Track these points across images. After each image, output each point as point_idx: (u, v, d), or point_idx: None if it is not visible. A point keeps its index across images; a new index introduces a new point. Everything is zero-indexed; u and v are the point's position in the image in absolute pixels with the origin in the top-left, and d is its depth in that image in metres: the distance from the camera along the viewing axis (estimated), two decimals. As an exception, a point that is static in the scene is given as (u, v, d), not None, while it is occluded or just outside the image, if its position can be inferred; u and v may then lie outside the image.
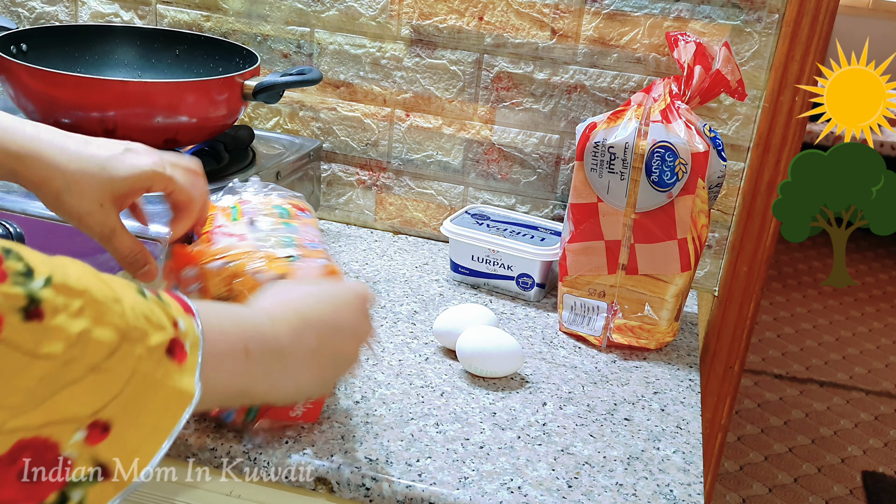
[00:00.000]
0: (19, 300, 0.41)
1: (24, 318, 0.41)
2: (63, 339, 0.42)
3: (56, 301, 0.42)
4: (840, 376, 3.00)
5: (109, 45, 1.19)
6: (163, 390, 0.46)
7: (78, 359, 0.43)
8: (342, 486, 0.73)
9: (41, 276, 0.42)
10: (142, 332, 0.46)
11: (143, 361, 0.45)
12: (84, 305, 0.43)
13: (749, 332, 1.19)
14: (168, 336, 0.47)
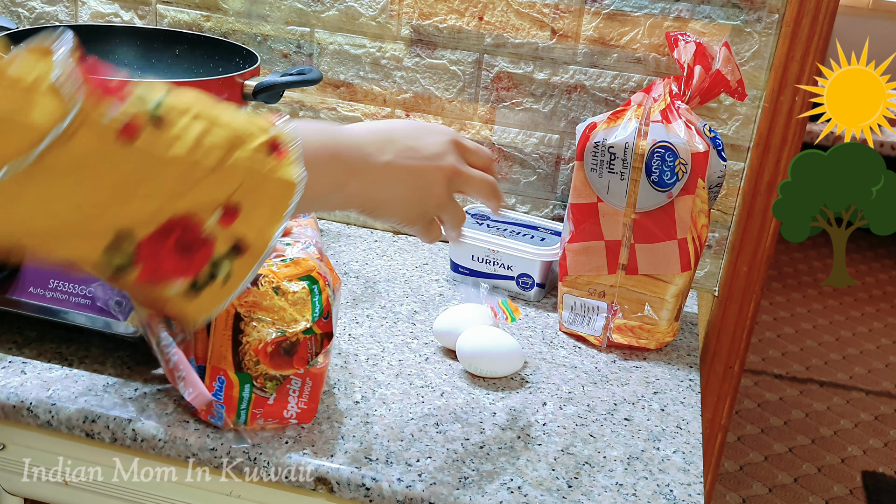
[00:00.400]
0: (146, 112, 0.49)
1: (153, 127, 0.49)
2: (186, 144, 0.51)
3: (176, 108, 0.51)
4: (840, 376, 3.00)
5: (109, 45, 1.19)
6: (272, 181, 0.54)
7: (199, 162, 0.51)
8: (342, 486, 0.73)
9: (160, 93, 0.51)
10: (247, 135, 0.54)
11: (253, 160, 0.54)
12: (198, 113, 0.52)
13: (749, 332, 1.19)
14: (267, 137, 0.55)
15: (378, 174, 0.64)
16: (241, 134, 0.54)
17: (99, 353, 0.87)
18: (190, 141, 0.51)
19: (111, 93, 0.49)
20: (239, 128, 0.54)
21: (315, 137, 0.60)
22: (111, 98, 0.49)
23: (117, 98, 0.49)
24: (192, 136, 0.51)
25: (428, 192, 0.67)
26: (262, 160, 0.54)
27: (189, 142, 0.51)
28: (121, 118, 0.48)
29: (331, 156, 0.60)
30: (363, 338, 0.95)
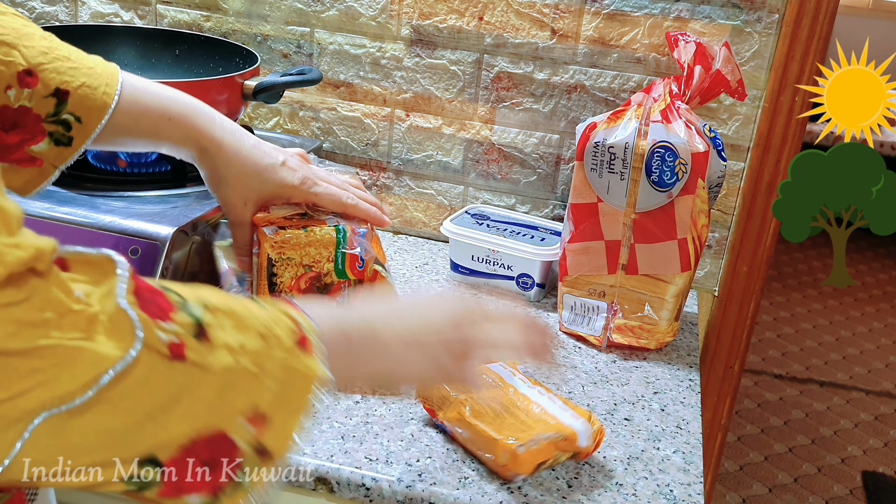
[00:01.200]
0: (190, 326, 0.47)
1: (198, 341, 0.47)
2: (228, 351, 0.49)
3: (214, 321, 0.49)
4: (840, 376, 3.00)
5: (109, 45, 1.18)
6: (305, 378, 0.53)
7: (243, 367, 0.49)
8: (342, 486, 0.73)
9: (197, 302, 0.49)
10: (277, 336, 0.52)
11: (288, 359, 0.52)
12: (230, 320, 0.50)
13: (749, 332, 1.19)
14: (297, 333, 0.54)
15: (389, 355, 0.62)
16: (274, 333, 0.52)
17: (99, 353, 0.87)
18: (233, 348, 0.49)
19: (161, 314, 0.46)
20: (270, 327, 0.52)
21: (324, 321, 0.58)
22: (158, 320, 0.46)
23: (165, 317, 0.46)
24: (234, 344, 0.49)
25: (442, 364, 0.65)
26: (295, 359, 0.53)
27: (232, 350, 0.49)
28: (171, 338, 0.46)
29: (345, 341, 0.59)
30: (363, 338, 0.95)
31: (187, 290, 0.50)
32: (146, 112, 0.75)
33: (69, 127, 0.71)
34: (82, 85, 0.71)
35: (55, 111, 0.70)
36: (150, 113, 0.75)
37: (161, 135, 0.76)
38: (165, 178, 1.03)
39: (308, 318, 0.55)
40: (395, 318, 0.64)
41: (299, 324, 0.54)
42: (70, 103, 0.71)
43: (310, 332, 0.54)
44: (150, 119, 0.75)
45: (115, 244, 0.86)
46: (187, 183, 1.01)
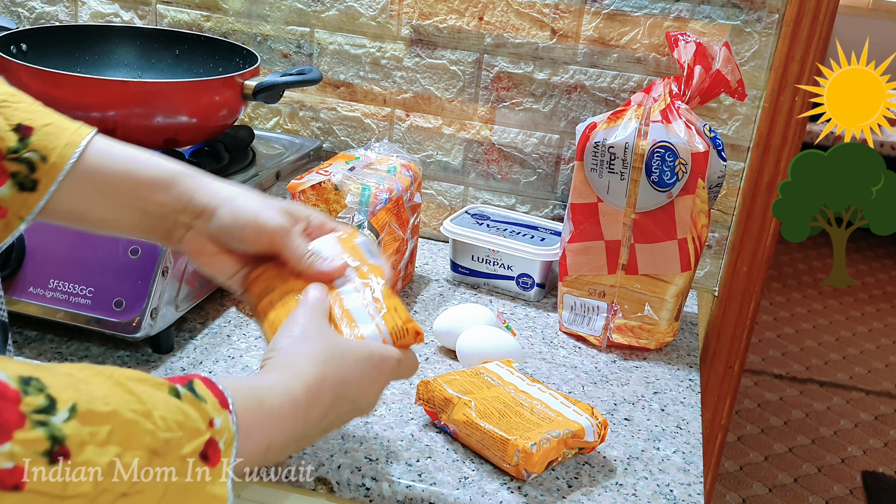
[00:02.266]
0: (41, 444, 0.39)
1: (49, 462, 0.39)
2: (92, 474, 0.41)
3: (82, 433, 0.41)
4: (840, 376, 3.00)
5: (109, 45, 1.19)
6: (196, 497, 0.46)
7: (108, 489, 0.42)
8: (342, 486, 0.73)
9: (65, 406, 0.41)
10: (175, 444, 0.45)
11: (176, 474, 0.45)
12: (112, 430, 0.42)
13: (749, 332, 1.19)
14: (203, 440, 0.46)
15: (304, 439, 0.58)
16: (170, 438, 0.44)
17: (99, 352, 0.87)
18: (102, 467, 0.41)
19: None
20: (169, 429, 0.44)
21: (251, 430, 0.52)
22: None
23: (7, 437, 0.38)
24: (103, 463, 0.41)
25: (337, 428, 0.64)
26: (192, 468, 0.45)
27: (98, 469, 0.41)
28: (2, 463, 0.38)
29: (264, 448, 0.53)
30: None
31: (71, 384, 0.42)
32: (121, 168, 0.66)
33: (33, 167, 0.63)
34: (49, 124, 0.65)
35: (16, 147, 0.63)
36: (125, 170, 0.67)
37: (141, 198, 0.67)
38: (165, 178, 1.02)
39: (229, 421, 0.48)
40: (329, 408, 0.59)
41: (214, 426, 0.47)
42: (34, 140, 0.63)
43: (224, 438, 0.48)
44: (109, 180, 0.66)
45: (115, 245, 0.86)
46: (187, 183, 1.01)
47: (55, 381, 0.41)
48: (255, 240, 0.68)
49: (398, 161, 1.03)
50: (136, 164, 0.67)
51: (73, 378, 0.43)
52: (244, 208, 0.68)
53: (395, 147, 1.05)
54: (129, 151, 0.68)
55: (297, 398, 0.56)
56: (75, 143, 0.65)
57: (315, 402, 0.58)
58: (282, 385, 0.56)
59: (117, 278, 0.85)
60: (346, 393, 0.60)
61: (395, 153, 1.04)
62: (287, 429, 0.55)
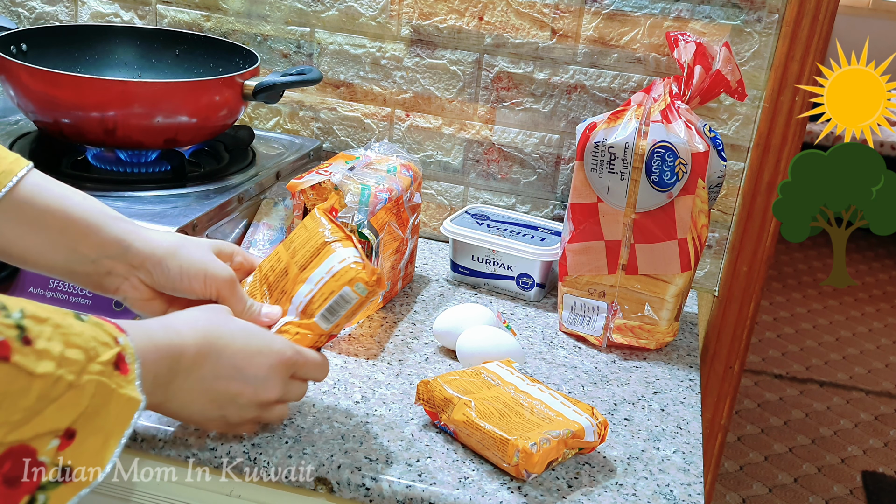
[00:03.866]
0: (12, 329, 0.46)
1: (21, 343, 0.46)
2: (51, 358, 0.47)
3: (35, 328, 0.47)
4: (840, 376, 3.00)
5: (109, 45, 1.19)
6: (116, 398, 0.52)
7: (62, 377, 0.48)
8: (342, 486, 0.73)
9: (16, 309, 0.47)
10: (96, 351, 0.51)
11: (102, 375, 0.51)
12: (53, 331, 0.48)
13: (749, 332, 1.19)
14: (114, 352, 0.52)
15: (189, 393, 0.63)
16: (94, 346, 0.51)
17: (99, 353, 0.87)
18: (55, 357, 0.48)
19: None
20: (90, 340, 0.51)
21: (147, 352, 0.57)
22: None
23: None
24: (56, 353, 0.48)
25: (232, 412, 0.68)
26: (110, 375, 0.51)
27: (53, 358, 0.47)
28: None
29: (153, 374, 0.58)
30: (363, 338, 0.95)
31: (9, 300, 0.48)
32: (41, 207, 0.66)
33: None
34: None
35: None
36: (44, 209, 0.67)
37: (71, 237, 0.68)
38: (165, 178, 1.03)
39: (128, 340, 0.54)
40: (212, 360, 0.64)
41: (119, 342, 0.53)
42: None
43: (128, 353, 0.53)
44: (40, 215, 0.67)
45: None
46: (187, 183, 1.01)
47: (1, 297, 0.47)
48: (203, 291, 0.72)
49: (398, 161, 1.03)
50: (68, 202, 0.68)
51: (10, 298, 0.49)
52: (191, 261, 0.71)
53: (394, 147, 1.05)
54: (63, 189, 0.69)
55: (180, 337, 0.62)
56: (11, 172, 0.65)
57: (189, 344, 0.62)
58: (166, 325, 0.62)
59: (117, 278, 0.85)
60: (224, 347, 0.65)
61: (395, 153, 1.04)
62: (167, 363, 0.60)
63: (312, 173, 0.96)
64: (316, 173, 0.96)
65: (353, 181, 0.94)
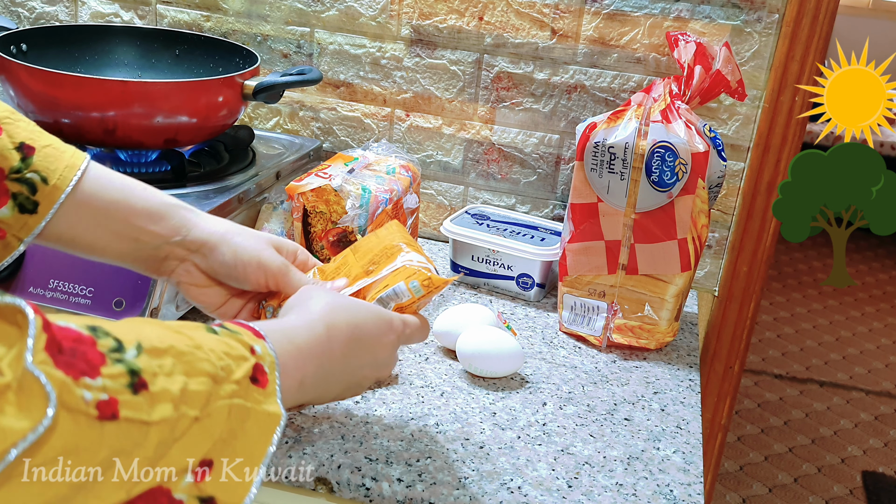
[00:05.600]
0: (123, 377, 0.42)
1: (133, 392, 0.43)
2: (169, 399, 0.44)
3: (152, 366, 0.44)
4: (840, 376, 3.00)
5: (109, 45, 1.19)
6: (254, 416, 0.49)
7: (185, 414, 0.45)
8: (342, 486, 0.73)
9: (131, 346, 0.44)
10: (228, 369, 0.48)
11: (236, 396, 0.48)
12: (175, 362, 0.46)
13: (749, 332, 1.19)
14: (250, 364, 0.50)
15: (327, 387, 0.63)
16: (225, 367, 0.49)
17: (99, 353, 0.87)
18: (175, 396, 0.45)
19: (88, 369, 0.41)
20: (222, 357, 0.49)
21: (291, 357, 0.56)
22: (83, 377, 0.41)
23: (92, 373, 0.41)
24: (176, 391, 0.45)
25: (351, 392, 0.68)
26: (245, 393, 0.49)
27: (173, 398, 0.45)
28: (98, 395, 0.41)
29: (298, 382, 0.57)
30: (363, 338, 0.95)
31: (126, 328, 0.45)
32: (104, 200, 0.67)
33: (34, 189, 0.64)
34: (49, 145, 0.65)
35: (19, 167, 0.63)
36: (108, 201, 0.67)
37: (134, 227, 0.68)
38: (165, 178, 1.03)
39: (266, 346, 0.52)
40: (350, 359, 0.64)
41: (256, 353, 0.51)
42: (35, 161, 0.64)
43: (267, 362, 0.52)
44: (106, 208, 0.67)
45: (115, 244, 0.86)
46: (187, 183, 1.01)
47: (115, 328, 0.45)
48: (256, 279, 0.71)
49: (397, 162, 1.03)
50: (131, 192, 0.69)
51: (128, 325, 0.46)
52: (245, 248, 0.70)
53: (393, 147, 1.05)
54: (123, 180, 0.69)
55: (320, 333, 0.61)
56: (75, 166, 0.66)
57: (335, 338, 0.62)
58: (304, 322, 0.61)
59: (117, 278, 0.85)
60: (360, 336, 0.64)
61: (394, 153, 1.04)
62: (315, 363, 0.59)
63: (312, 175, 0.96)
64: (315, 175, 0.96)
65: (353, 184, 0.94)
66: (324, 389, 0.62)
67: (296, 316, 0.62)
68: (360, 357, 0.65)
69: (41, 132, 0.66)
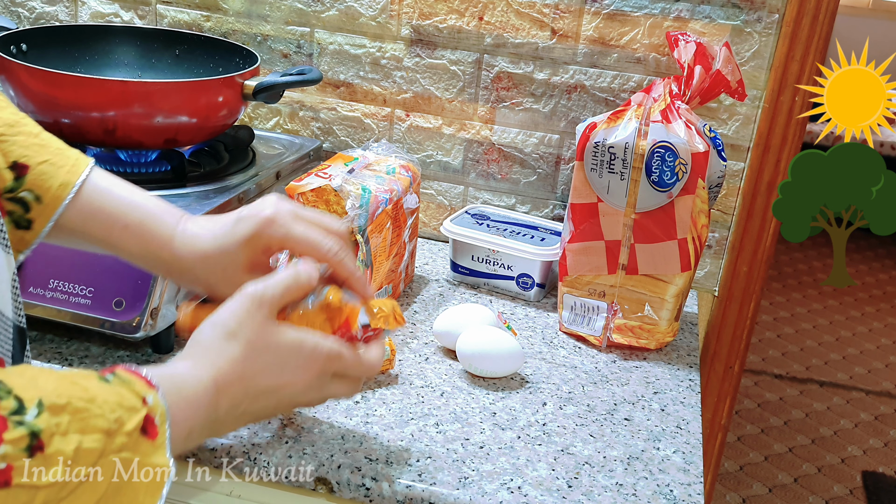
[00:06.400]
0: (23, 441, 0.43)
1: (29, 456, 0.43)
2: (62, 462, 0.44)
3: (50, 425, 0.44)
4: (840, 376, 3.00)
5: (109, 45, 1.19)
6: (144, 470, 0.49)
7: (77, 473, 0.45)
8: (342, 486, 0.73)
9: (32, 404, 0.44)
10: (119, 421, 0.48)
11: (125, 450, 0.48)
12: (71, 419, 0.45)
13: (749, 332, 1.19)
14: (141, 416, 0.50)
15: (233, 422, 0.61)
16: (118, 415, 0.48)
17: (99, 352, 0.87)
18: (68, 455, 0.45)
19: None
20: (115, 408, 0.48)
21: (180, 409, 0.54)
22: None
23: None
24: (70, 451, 0.45)
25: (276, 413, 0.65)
26: (135, 446, 0.49)
27: (66, 458, 0.44)
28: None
29: (186, 432, 0.56)
30: (363, 338, 0.95)
31: (24, 381, 0.45)
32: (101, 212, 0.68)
33: (28, 207, 0.65)
34: (45, 161, 0.66)
35: (12, 186, 0.64)
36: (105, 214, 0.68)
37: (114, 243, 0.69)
38: (165, 178, 1.03)
39: (157, 397, 0.52)
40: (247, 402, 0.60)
41: (147, 403, 0.51)
42: (29, 179, 0.65)
43: (158, 413, 0.51)
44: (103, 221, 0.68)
45: (115, 244, 0.86)
46: (187, 183, 1.01)
47: (16, 381, 0.45)
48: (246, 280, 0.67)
49: (397, 162, 1.03)
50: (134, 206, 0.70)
51: (27, 376, 0.46)
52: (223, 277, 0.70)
53: (393, 147, 1.05)
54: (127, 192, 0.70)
55: (208, 387, 0.58)
56: (70, 183, 0.67)
57: (224, 393, 0.59)
58: (194, 374, 0.58)
59: (117, 278, 0.85)
60: (260, 385, 0.61)
61: (394, 153, 1.04)
62: (202, 416, 0.57)
63: (311, 175, 0.96)
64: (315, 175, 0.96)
65: (353, 184, 0.94)
66: (208, 435, 0.60)
67: (190, 363, 0.59)
68: (256, 400, 0.61)
69: (41, 146, 0.67)
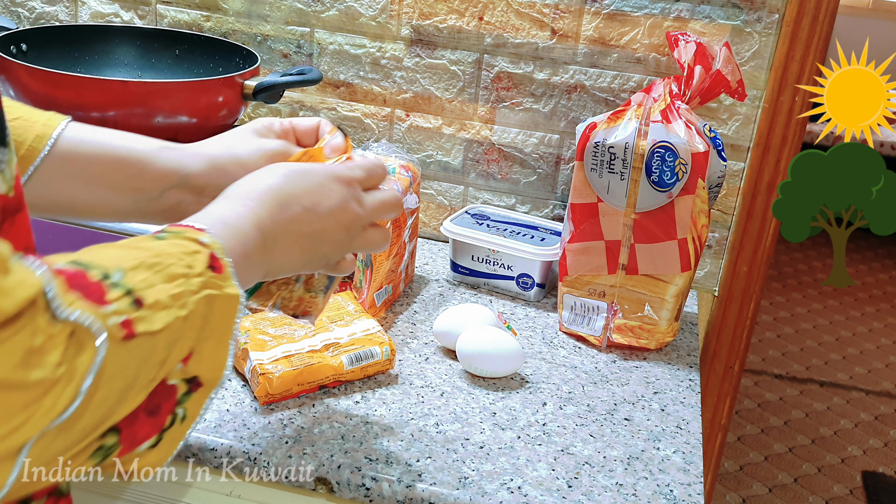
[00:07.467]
0: (125, 298, 0.45)
1: (136, 308, 0.45)
2: (164, 307, 0.47)
3: (137, 282, 0.47)
4: (840, 376, 3.00)
5: (109, 45, 1.19)
6: (219, 302, 0.52)
7: (177, 315, 0.48)
8: (342, 486, 0.73)
9: (112, 269, 0.46)
10: (190, 265, 0.51)
11: (205, 287, 0.51)
12: (151, 274, 0.48)
13: (749, 332, 1.19)
14: (206, 255, 0.52)
15: (280, 253, 0.62)
16: (188, 262, 0.51)
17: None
18: (165, 303, 0.48)
19: (98, 299, 0.44)
20: (182, 257, 0.51)
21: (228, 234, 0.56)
22: (102, 306, 0.43)
23: (102, 301, 0.44)
24: (165, 298, 0.48)
25: (328, 248, 0.65)
26: (209, 282, 0.51)
27: (165, 305, 0.48)
28: (118, 319, 0.44)
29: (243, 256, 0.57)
30: (363, 338, 0.95)
31: (94, 256, 0.47)
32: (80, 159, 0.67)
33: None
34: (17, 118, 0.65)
35: None
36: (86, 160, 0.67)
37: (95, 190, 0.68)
38: (165, 178, 1.02)
39: (213, 238, 0.54)
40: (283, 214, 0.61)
41: (207, 245, 0.53)
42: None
43: (217, 249, 0.53)
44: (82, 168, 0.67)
45: (115, 244, 0.86)
46: (187, 183, 1.01)
47: (87, 257, 0.46)
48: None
49: (397, 162, 1.03)
50: (112, 145, 0.68)
51: (93, 253, 0.48)
52: (248, 156, 0.70)
53: (393, 147, 1.05)
54: (105, 135, 0.68)
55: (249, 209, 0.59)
56: (46, 135, 0.66)
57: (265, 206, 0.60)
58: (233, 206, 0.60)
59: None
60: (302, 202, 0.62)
61: (394, 153, 1.04)
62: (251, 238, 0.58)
63: None
64: None
65: None
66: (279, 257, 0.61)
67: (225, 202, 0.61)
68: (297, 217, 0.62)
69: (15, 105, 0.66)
